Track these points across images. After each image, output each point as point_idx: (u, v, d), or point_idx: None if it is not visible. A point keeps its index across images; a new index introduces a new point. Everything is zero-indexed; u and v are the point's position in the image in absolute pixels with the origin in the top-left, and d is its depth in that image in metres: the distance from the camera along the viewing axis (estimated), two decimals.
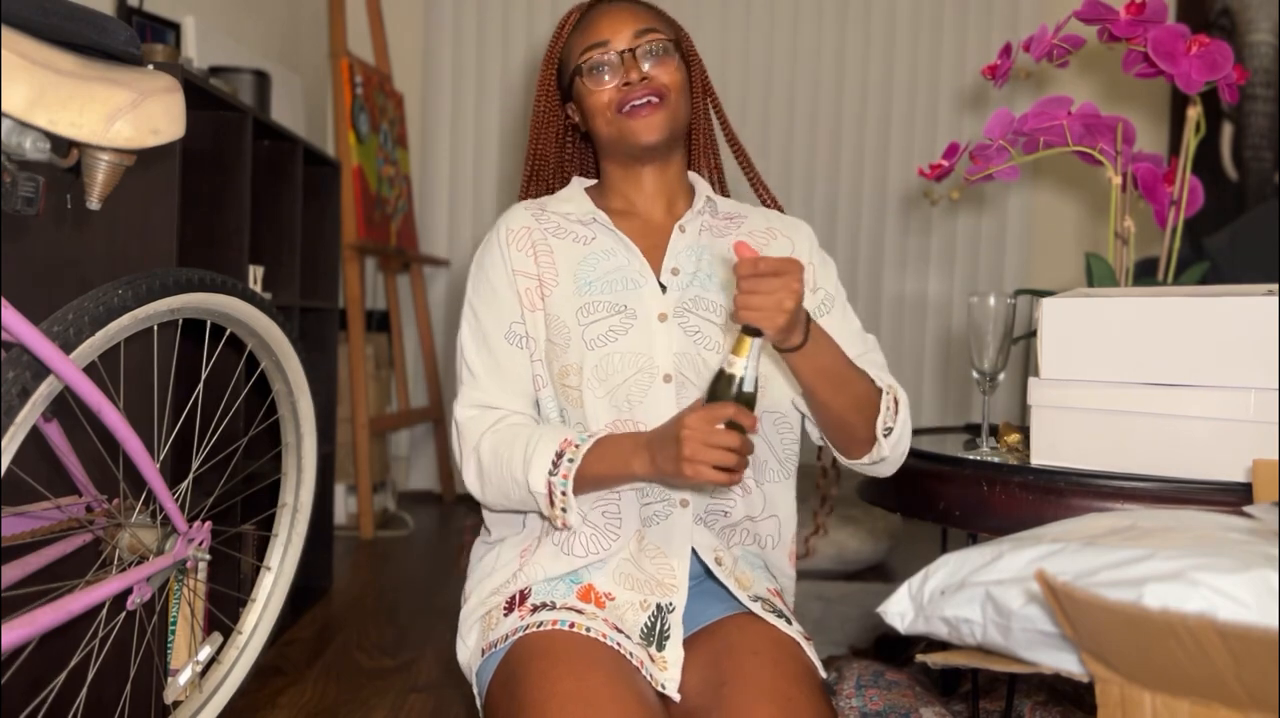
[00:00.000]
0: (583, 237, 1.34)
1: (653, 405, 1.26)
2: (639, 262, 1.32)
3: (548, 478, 1.20)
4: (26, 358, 1.13)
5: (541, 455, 1.21)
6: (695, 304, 1.30)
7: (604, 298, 1.29)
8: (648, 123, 1.29)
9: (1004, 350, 1.54)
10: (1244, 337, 1.22)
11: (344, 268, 3.28)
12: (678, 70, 1.32)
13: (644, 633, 1.24)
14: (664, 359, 1.27)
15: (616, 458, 1.19)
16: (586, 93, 1.32)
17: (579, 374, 1.27)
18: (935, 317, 3.91)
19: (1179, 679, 0.68)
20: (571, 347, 1.28)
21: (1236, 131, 3.46)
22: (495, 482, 1.26)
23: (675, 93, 1.31)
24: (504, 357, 1.31)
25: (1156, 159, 1.72)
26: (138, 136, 1.15)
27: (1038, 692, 1.71)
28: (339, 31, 3.46)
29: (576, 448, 1.20)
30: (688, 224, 1.35)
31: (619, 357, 1.27)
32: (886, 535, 2.99)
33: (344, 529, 3.30)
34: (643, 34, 1.30)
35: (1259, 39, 3.40)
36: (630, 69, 1.29)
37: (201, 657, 1.53)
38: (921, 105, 3.87)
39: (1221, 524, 0.89)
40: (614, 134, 1.32)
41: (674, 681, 1.20)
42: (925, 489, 1.42)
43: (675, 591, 1.25)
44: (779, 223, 1.42)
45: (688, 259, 1.34)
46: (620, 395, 1.27)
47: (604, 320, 1.28)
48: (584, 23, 1.34)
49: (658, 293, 1.30)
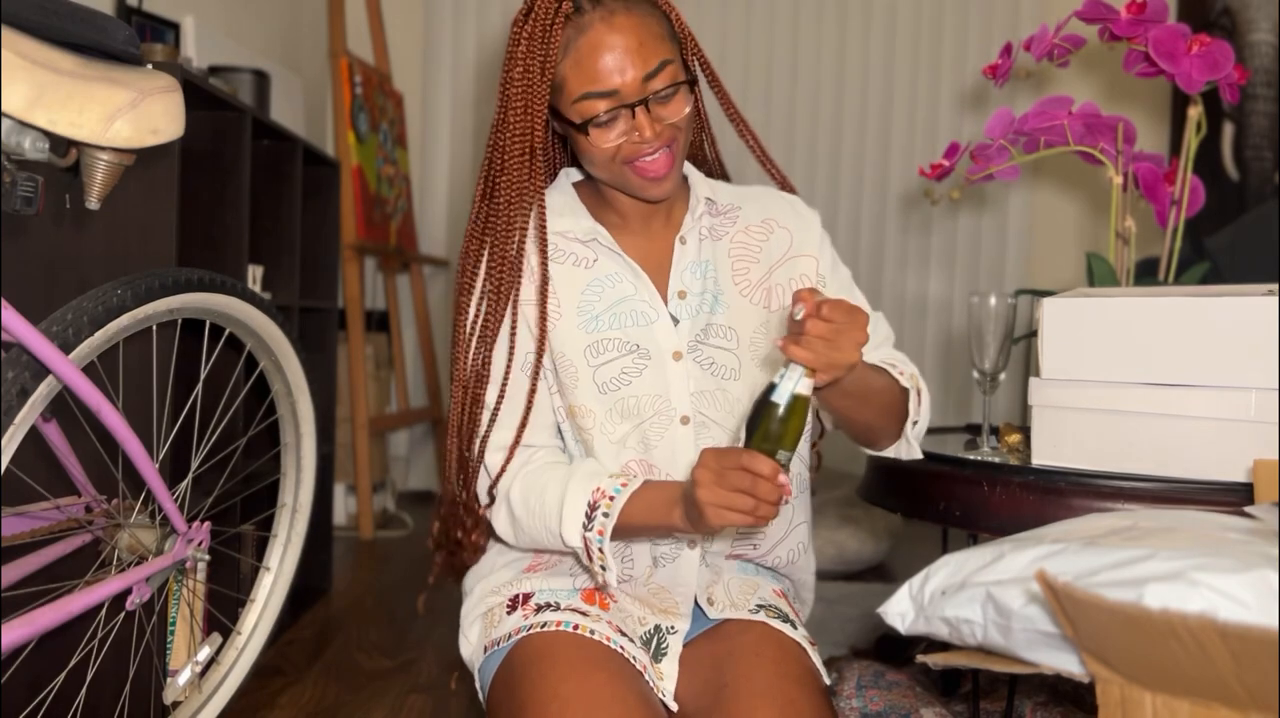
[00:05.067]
0: (583, 259, 1.25)
1: (670, 448, 1.22)
2: (648, 290, 1.23)
3: (583, 534, 1.16)
4: (26, 358, 1.13)
5: (573, 508, 1.16)
6: (708, 334, 1.23)
7: (614, 334, 1.22)
8: (661, 186, 1.17)
9: (1004, 350, 1.54)
10: (1244, 337, 1.21)
11: (343, 268, 3.28)
12: (686, 98, 1.17)
13: (644, 640, 1.24)
14: (680, 401, 1.22)
15: (656, 512, 1.13)
16: (585, 139, 1.17)
17: (591, 417, 1.22)
18: (935, 317, 3.91)
19: (1179, 679, 0.68)
20: (580, 387, 1.22)
21: (1237, 131, 3.46)
22: (528, 530, 1.22)
23: (685, 127, 1.18)
24: (520, 389, 1.24)
25: (1157, 159, 1.72)
26: (137, 136, 1.15)
27: (1038, 692, 1.71)
28: (338, 31, 3.46)
29: (611, 500, 1.14)
30: (688, 234, 1.26)
31: (634, 400, 1.21)
32: (887, 536, 2.99)
33: (343, 529, 3.30)
34: (653, 76, 1.13)
35: (1259, 39, 3.40)
36: (643, 125, 1.14)
37: (201, 657, 1.53)
38: (921, 105, 3.87)
39: (1222, 524, 0.89)
40: (617, 180, 1.20)
41: (669, 693, 1.21)
42: (926, 489, 1.42)
43: (678, 619, 1.26)
44: (779, 212, 1.31)
45: (693, 278, 1.26)
46: (636, 438, 1.22)
47: (616, 362, 1.21)
48: (582, 50, 1.14)
49: (670, 329, 1.23)
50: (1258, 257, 3.26)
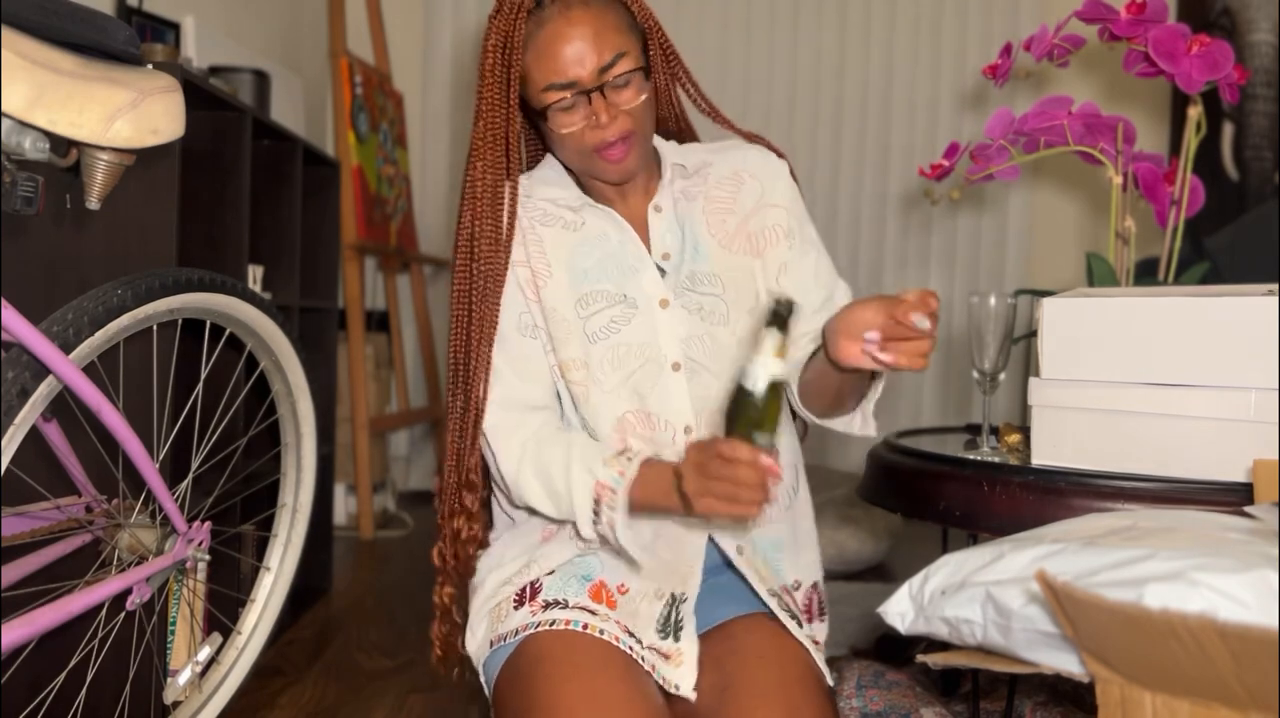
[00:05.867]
0: (571, 223, 1.30)
1: (664, 395, 1.24)
2: (634, 244, 1.28)
3: (594, 528, 1.19)
4: (26, 358, 1.13)
5: (581, 505, 1.18)
6: (693, 281, 1.28)
7: (602, 286, 1.26)
8: (621, 166, 1.23)
9: (1004, 350, 1.54)
10: (1244, 337, 1.21)
11: (344, 268, 3.28)
12: (642, 86, 1.22)
13: (660, 627, 1.23)
14: (671, 347, 1.25)
15: (656, 501, 1.15)
16: (551, 125, 1.23)
17: (584, 369, 1.25)
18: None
19: (1179, 679, 0.68)
20: (572, 340, 1.26)
21: (1237, 131, 3.46)
22: (554, 510, 1.23)
23: (645, 115, 1.23)
24: (518, 348, 1.28)
25: (1157, 159, 1.72)
26: (137, 136, 1.15)
27: (1038, 692, 1.71)
28: (339, 31, 3.46)
29: (613, 493, 1.16)
30: (662, 202, 1.31)
31: (624, 348, 1.25)
32: (886, 535, 2.99)
33: (343, 529, 3.30)
34: (608, 67, 1.19)
35: (1259, 39, 3.40)
36: (600, 110, 1.20)
37: (201, 657, 1.53)
38: (921, 105, 3.87)
39: (1221, 524, 0.89)
40: (584, 166, 1.26)
41: (689, 678, 1.19)
42: (926, 489, 1.42)
43: (689, 579, 1.24)
44: (748, 162, 1.34)
45: (672, 238, 1.30)
46: (629, 388, 1.25)
47: (605, 311, 1.26)
48: (541, 43, 1.20)
49: (657, 278, 1.27)
50: (1258, 257, 3.26)
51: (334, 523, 2.97)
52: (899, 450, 1.55)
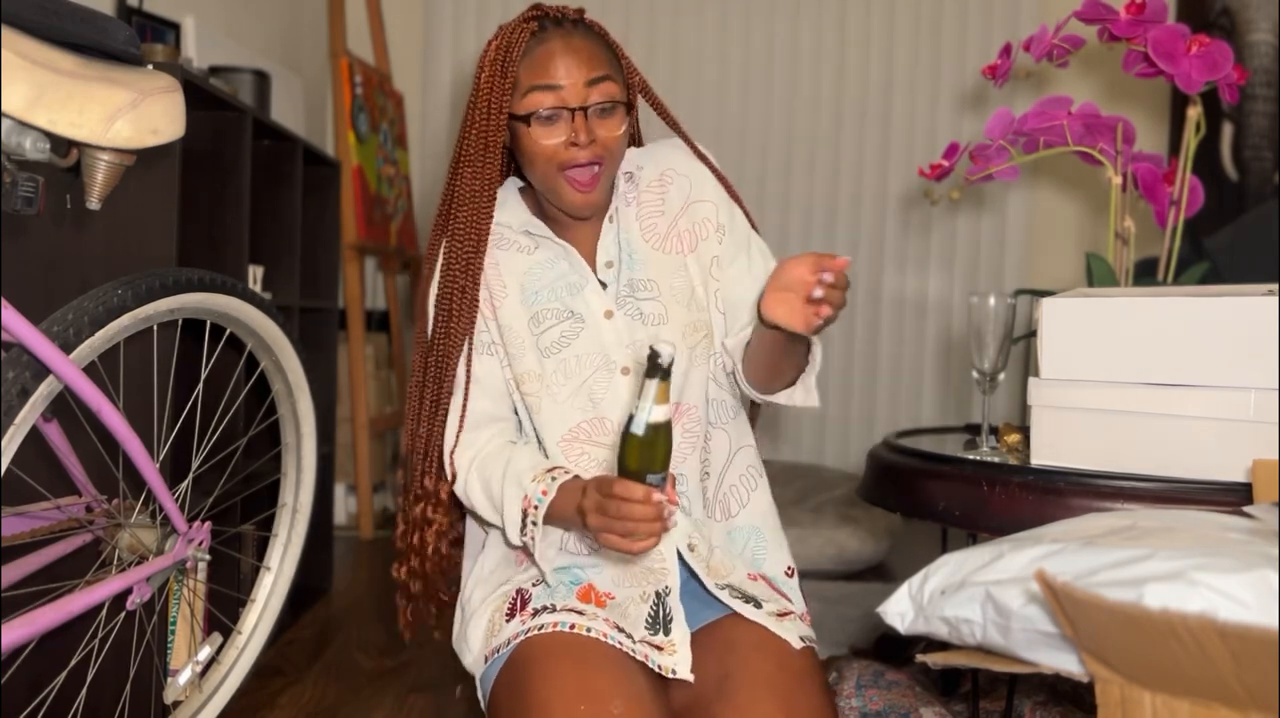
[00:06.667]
0: (525, 247, 1.35)
1: (615, 399, 1.30)
2: (579, 264, 1.33)
3: (520, 537, 1.24)
4: (26, 358, 1.13)
5: (511, 515, 1.24)
6: (632, 289, 1.33)
7: (551, 305, 1.32)
8: (586, 198, 1.28)
9: (1004, 350, 1.54)
10: (1244, 337, 1.22)
11: (344, 268, 3.28)
12: (622, 122, 1.28)
13: (649, 624, 1.25)
14: (617, 353, 1.30)
15: (572, 521, 1.20)
16: (528, 135, 1.27)
17: (539, 381, 1.31)
18: (935, 317, 3.91)
19: (1179, 679, 0.68)
20: (527, 354, 1.31)
21: (1237, 131, 3.46)
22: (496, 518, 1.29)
23: (616, 146, 1.28)
24: (477, 364, 1.33)
25: (1157, 159, 1.72)
26: (137, 136, 1.15)
27: (1038, 692, 1.71)
28: (339, 31, 3.46)
29: (536, 508, 1.22)
30: (614, 213, 1.35)
31: (575, 359, 1.30)
32: (886, 535, 2.99)
33: (344, 529, 3.30)
34: (594, 84, 1.25)
35: (1259, 39, 3.40)
36: (580, 130, 1.24)
37: (201, 657, 1.53)
38: (921, 105, 3.87)
39: (1221, 524, 0.89)
40: (548, 187, 1.30)
41: (685, 661, 1.21)
42: (925, 489, 1.42)
43: (667, 573, 1.27)
44: (675, 161, 1.38)
45: (613, 246, 1.35)
46: (584, 395, 1.30)
47: (555, 327, 1.31)
48: (537, 55, 1.26)
49: (599, 291, 1.32)
50: (1257, 257, 3.26)
51: (334, 523, 2.97)
52: (899, 450, 1.55)
